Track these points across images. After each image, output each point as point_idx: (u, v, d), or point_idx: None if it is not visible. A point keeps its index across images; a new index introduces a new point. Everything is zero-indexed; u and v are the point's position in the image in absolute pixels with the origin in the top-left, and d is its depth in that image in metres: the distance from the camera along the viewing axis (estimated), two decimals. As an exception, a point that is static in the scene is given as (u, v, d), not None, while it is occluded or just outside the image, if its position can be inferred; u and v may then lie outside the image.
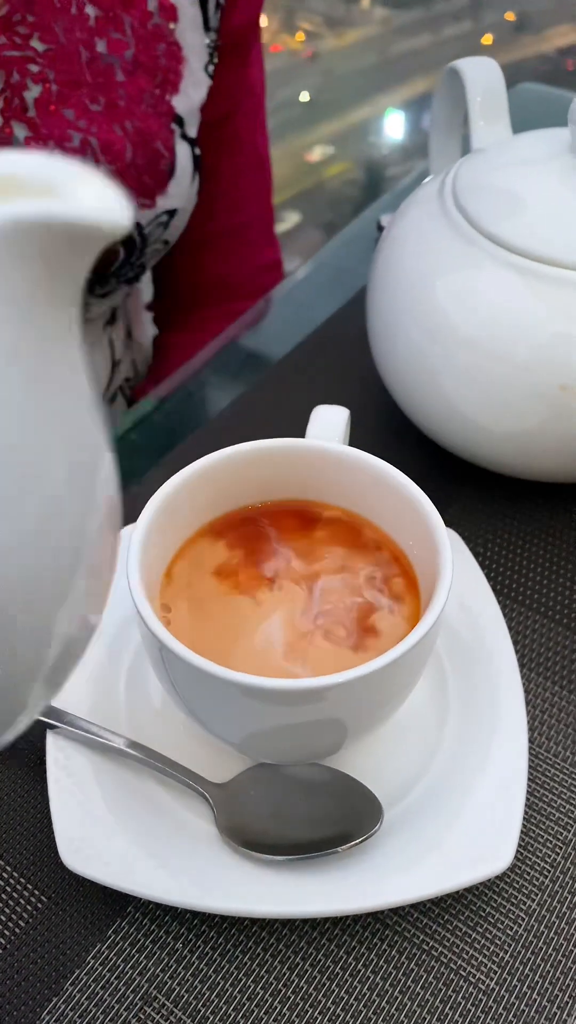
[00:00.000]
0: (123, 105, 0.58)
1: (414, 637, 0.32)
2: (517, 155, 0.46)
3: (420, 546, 0.36)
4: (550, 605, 0.45)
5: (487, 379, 0.43)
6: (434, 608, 0.32)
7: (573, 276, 0.41)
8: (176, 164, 0.62)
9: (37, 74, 0.55)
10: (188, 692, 0.34)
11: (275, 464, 0.38)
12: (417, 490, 0.36)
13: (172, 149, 0.62)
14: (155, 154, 0.60)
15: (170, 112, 0.61)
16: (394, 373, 0.48)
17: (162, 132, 0.61)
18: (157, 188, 0.62)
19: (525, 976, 0.35)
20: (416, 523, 0.36)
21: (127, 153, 0.58)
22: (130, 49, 0.58)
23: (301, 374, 0.57)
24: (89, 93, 0.57)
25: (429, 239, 0.45)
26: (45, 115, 0.55)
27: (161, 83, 0.60)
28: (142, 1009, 0.34)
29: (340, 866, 0.35)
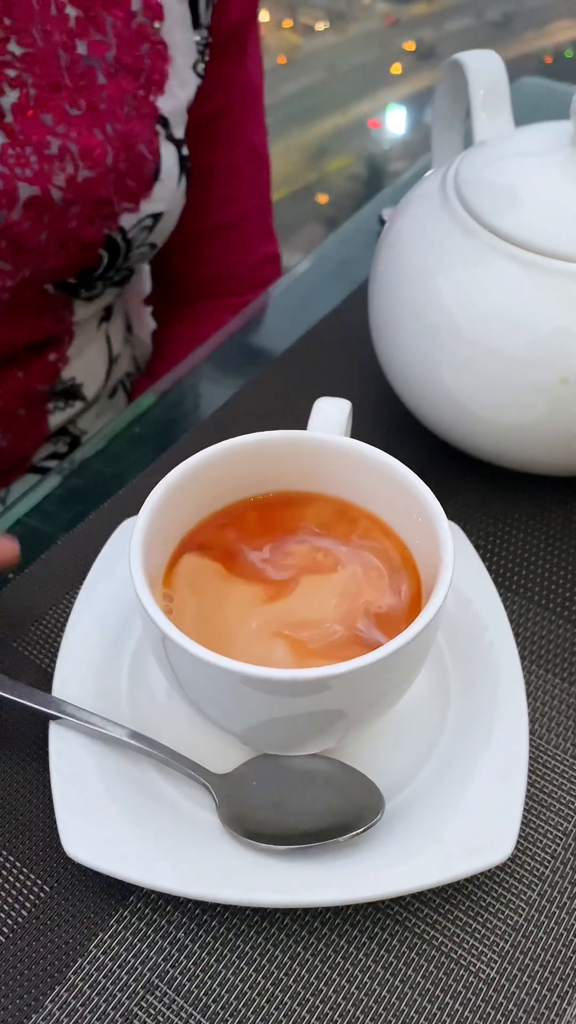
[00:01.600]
0: (104, 108, 0.57)
1: (415, 628, 0.32)
2: (519, 148, 0.46)
3: (422, 538, 0.36)
4: (550, 597, 0.45)
5: (488, 372, 0.43)
6: (435, 600, 0.32)
7: (575, 269, 0.41)
8: (161, 167, 0.61)
9: (14, 79, 0.54)
10: (190, 682, 0.34)
11: (277, 456, 0.38)
12: (419, 482, 0.36)
13: (156, 152, 0.61)
14: (138, 157, 0.59)
15: (154, 113, 0.60)
16: (395, 366, 0.48)
17: (145, 134, 0.60)
18: (141, 192, 0.61)
19: (526, 965, 0.35)
20: (418, 515, 0.36)
21: (108, 158, 0.57)
22: (112, 50, 0.57)
23: (302, 367, 0.57)
24: (69, 97, 0.56)
25: (431, 232, 0.45)
26: (23, 121, 0.54)
27: (145, 84, 0.59)
28: (144, 998, 0.34)
29: (342, 856, 0.35)
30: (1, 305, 0.59)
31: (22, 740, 0.40)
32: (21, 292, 0.59)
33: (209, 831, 0.36)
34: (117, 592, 0.42)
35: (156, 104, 0.60)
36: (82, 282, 0.62)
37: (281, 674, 0.31)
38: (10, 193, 0.54)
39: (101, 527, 0.47)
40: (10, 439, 0.68)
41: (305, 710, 0.33)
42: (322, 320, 0.61)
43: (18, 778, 0.39)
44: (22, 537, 0.49)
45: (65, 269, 0.60)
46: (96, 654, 0.41)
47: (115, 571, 0.43)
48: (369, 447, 0.37)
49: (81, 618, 0.42)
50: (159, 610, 0.32)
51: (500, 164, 0.45)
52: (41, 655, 0.43)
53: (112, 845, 0.35)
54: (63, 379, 0.68)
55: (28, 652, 0.43)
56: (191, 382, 0.60)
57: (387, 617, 0.36)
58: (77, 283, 0.62)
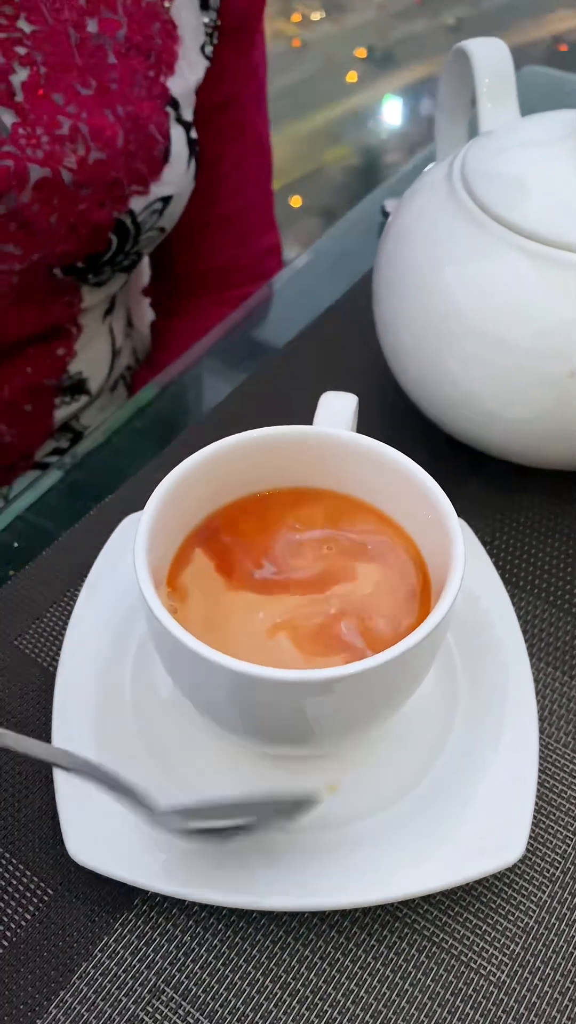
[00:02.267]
0: (115, 88, 0.57)
1: (424, 630, 0.31)
2: (527, 138, 0.45)
3: (430, 535, 0.35)
4: (559, 594, 0.45)
5: (496, 365, 0.42)
6: (445, 601, 0.32)
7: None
8: (171, 149, 0.61)
9: (24, 56, 0.53)
10: (194, 683, 0.34)
11: (283, 452, 0.38)
12: (430, 480, 0.35)
13: (167, 134, 0.60)
14: (148, 139, 0.59)
15: (164, 95, 0.60)
16: (401, 359, 0.47)
17: (156, 116, 0.59)
18: (151, 174, 0.60)
19: (536, 968, 0.34)
20: (427, 513, 0.35)
21: (119, 139, 0.57)
22: (122, 29, 0.56)
23: (305, 361, 0.57)
24: (79, 76, 0.55)
25: (437, 223, 0.44)
26: (33, 100, 0.54)
27: (155, 64, 0.59)
28: (150, 1003, 0.33)
29: (349, 858, 0.34)
30: (10, 290, 0.59)
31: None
32: (30, 277, 0.59)
33: (215, 833, 0.35)
34: (120, 589, 0.42)
35: (166, 85, 0.60)
36: (90, 267, 0.61)
37: (287, 675, 0.30)
38: (20, 175, 0.54)
39: (103, 523, 0.46)
40: (15, 434, 0.67)
41: (311, 712, 0.33)
42: (325, 313, 0.60)
43: (21, 778, 0.38)
44: (23, 533, 0.49)
45: (74, 253, 0.59)
46: (99, 653, 0.40)
47: (118, 568, 0.43)
48: (377, 443, 0.36)
49: (84, 616, 0.41)
50: (164, 609, 0.32)
51: (508, 154, 0.44)
52: (43, 654, 0.42)
53: (116, 847, 0.34)
54: (70, 373, 0.67)
55: (29, 650, 0.42)
56: (193, 375, 0.59)
57: (395, 616, 0.35)
58: (85, 267, 0.61)
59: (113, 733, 0.38)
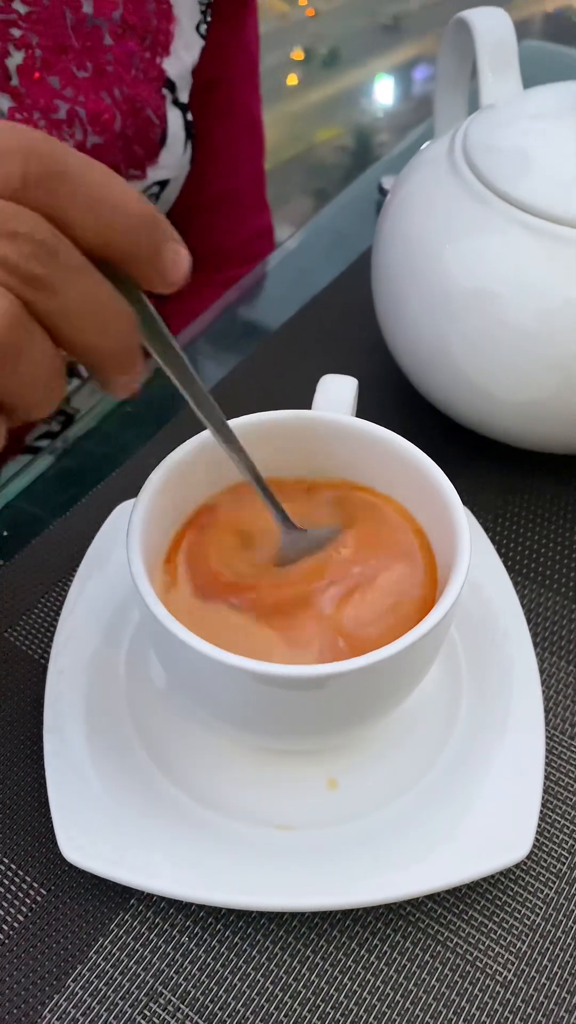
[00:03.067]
0: (111, 71, 0.55)
1: (426, 625, 0.30)
2: (530, 111, 0.44)
3: (435, 522, 0.34)
4: (564, 582, 0.44)
5: (499, 347, 0.41)
6: (449, 594, 0.31)
7: (591, 238, 0.39)
8: (167, 132, 0.59)
9: (20, 39, 0.52)
10: (190, 677, 0.33)
11: (281, 437, 0.36)
12: (435, 468, 0.34)
13: (163, 116, 0.59)
14: (146, 122, 0.58)
15: (161, 76, 0.58)
16: (401, 341, 0.46)
17: (152, 98, 0.58)
18: (148, 158, 0.59)
19: (544, 967, 0.33)
20: (432, 500, 0.34)
21: (116, 123, 0.55)
22: (118, 10, 0.55)
23: (301, 343, 0.55)
24: (75, 58, 0.54)
25: (438, 200, 0.43)
26: (29, 84, 0.52)
27: (151, 45, 0.57)
28: (147, 1005, 0.32)
29: (350, 857, 0.33)
30: None
31: (15, 737, 0.38)
32: None
33: (212, 832, 0.34)
34: (113, 580, 0.40)
35: (162, 67, 0.58)
36: None
37: (285, 670, 0.29)
38: None
39: (96, 510, 0.45)
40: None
41: (310, 708, 0.32)
42: (320, 293, 0.59)
43: (12, 776, 0.37)
44: (13, 521, 0.47)
45: None
46: (92, 645, 0.39)
47: (111, 557, 0.41)
48: (379, 428, 0.35)
49: (76, 607, 0.40)
50: (159, 603, 0.31)
51: (512, 127, 0.43)
52: (34, 646, 0.41)
53: (111, 847, 0.33)
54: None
55: (20, 643, 0.41)
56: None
57: (399, 606, 0.34)
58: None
59: (107, 727, 0.37)
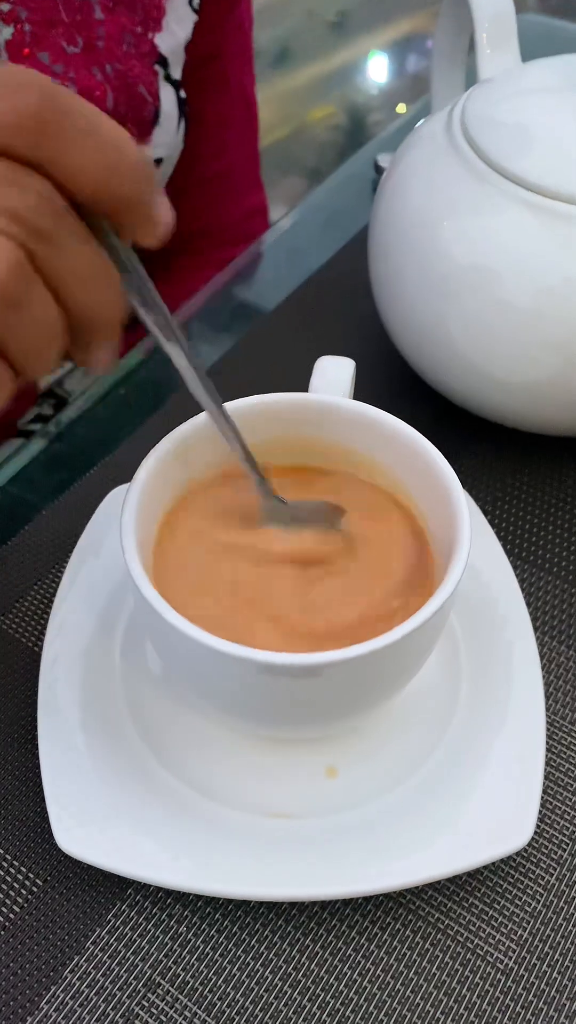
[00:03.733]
0: (102, 46, 0.54)
1: (425, 613, 0.29)
2: (530, 85, 0.43)
3: (433, 507, 0.34)
4: (564, 566, 0.43)
5: (498, 327, 0.40)
6: (448, 583, 0.30)
7: (593, 215, 0.38)
8: (160, 110, 0.58)
9: (8, 13, 0.50)
10: (185, 665, 0.32)
11: (277, 420, 0.36)
12: (434, 451, 0.33)
13: (156, 94, 0.58)
14: (138, 100, 0.56)
15: (153, 52, 0.57)
16: (398, 321, 0.45)
17: (145, 75, 0.57)
18: (141, 137, 0.58)
19: (545, 954, 0.33)
20: (431, 485, 0.33)
21: (108, 100, 0.54)
22: None
23: (297, 324, 0.54)
24: (65, 33, 0.52)
25: (436, 176, 0.42)
26: (19, 59, 0.51)
27: (143, 20, 0.56)
28: (145, 996, 0.32)
29: (350, 846, 0.33)
30: None
31: (9, 726, 0.38)
32: None
33: (210, 821, 0.34)
34: (107, 565, 0.40)
35: (154, 42, 0.57)
36: None
37: (283, 659, 0.29)
38: None
39: (89, 495, 0.44)
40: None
41: (307, 696, 0.31)
42: (316, 273, 0.58)
43: (6, 765, 0.37)
44: (4, 507, 0.47)
45: None
46: (86, 632, 0.38)
47: (105, 543, 0.41)
48: (377, 411, 0.35)
49: (70, 594, 0.39)
50: (153, 590, 0.30)
51: (511, 102, 0.42)
52: (27, 634, 0.41)
53: (107, 837, 0.33)
54: None
55: (13, 631, 0.41)
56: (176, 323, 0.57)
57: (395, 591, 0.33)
58: None
59: (102, 715, 0.36)
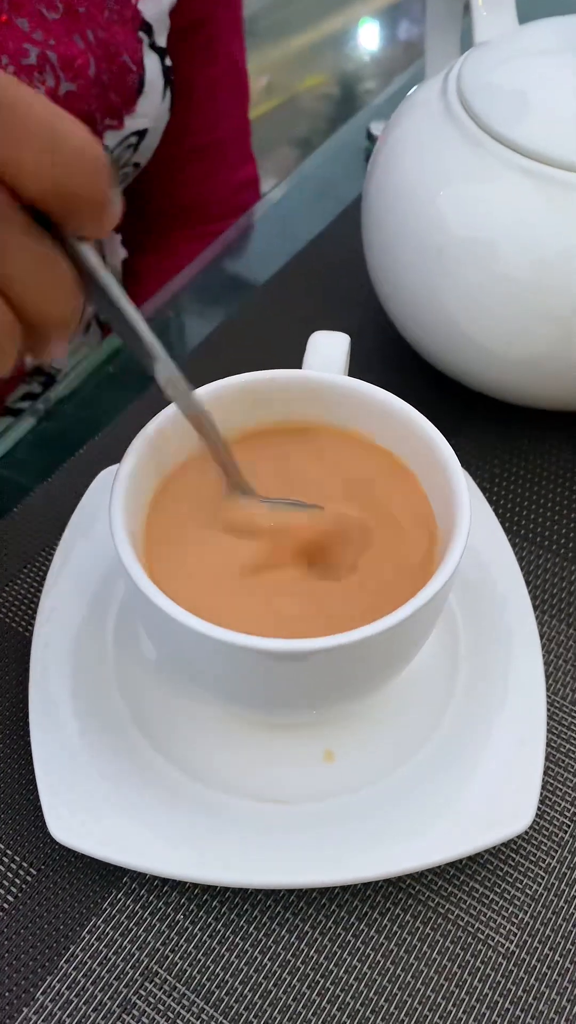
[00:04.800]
0: (83, 12, 0.52)
1: (424, 596, 0.29)
2: (528, 47, 0.41)
3: (433, 488, 0.33)
4: (564, 543, 0.42)
5: (496, 298, 0.39)
6: (447, 565, 0.29)
7: (593, 183, 0.37)
8: (145, 78, 0.57)
9: None
10: (178, 650, 0.31)
11: (270, 397, 0.35)
12: (432, 428, 0.32)
13: (140, 62, 0.56)
14: (122, 68, 0.55)
15: (136, 18, 0.55)
16: (393, 294, 0.44)
17: (128, 42, 0.55)
18: (125, 107, 0.56)
19: (546, 937, 0.33)
20: (430, 464, 0.32)
21: (90, 68, 0.52)
22: None
23: (289, 299, 0.53)
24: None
25: (431, 144, 0.41)
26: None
27: None
28: (143, 985, 0.32)
29: (348, 831, 0.33)
30: None
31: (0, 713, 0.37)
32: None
33: (206, 808, 0.33)
34: (98, 548, 0.39)
35: (138, 8, 0.55)
36: None
37: (271, 644, 0.28)
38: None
39: (78, 476, 0.43)
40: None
41: (302, 681, 0.30)
42: (308, 245, 0.56)
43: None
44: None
45: None
46: (78, 615, 0.38)
47: (95, 524, 0.40)
48: (374, 387, 0.34)
49: (60, 576, 0.39)
50: (144, 575, 0.29)
51: (508, 66, 0.41)
52: (17, 618, 0.40)
53: (101, 826, 0.32)
54: None
55: (3, 615, 0.40)
56: (168, 315, 0.56)
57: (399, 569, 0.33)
58: None
59: (95, 700, 0.35)
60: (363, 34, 2.62)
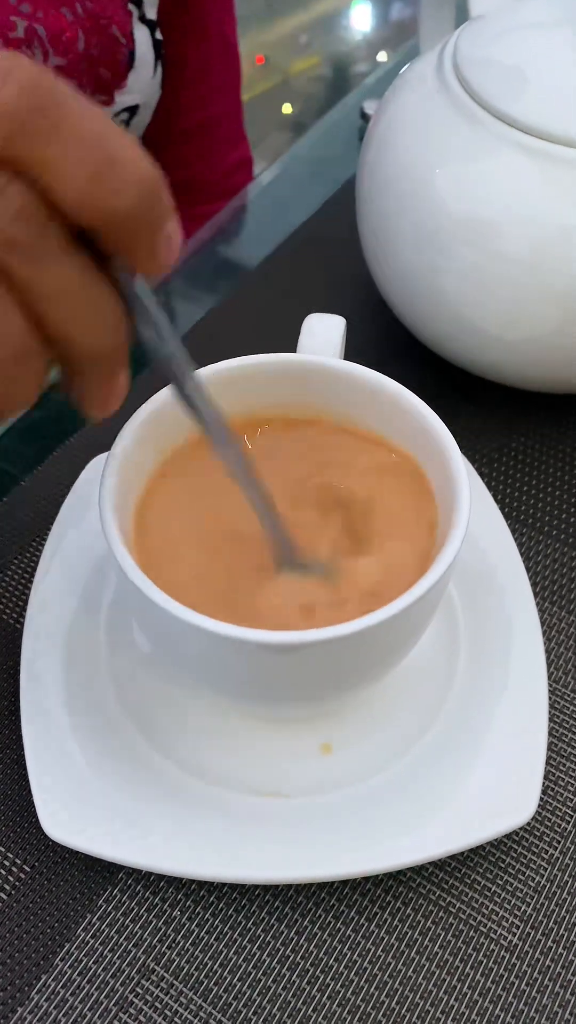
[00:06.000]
0: None
1: (420, 588, 0.28)
2: (524, 20, 0.40)
3: (432, 474, 0.32)
4: (564, 529, 0.42)
5: (494, 279, 0.38)
6: (446, 554, 0.28)
7: (593, 159, 0.36)
8: (135, 53, 0.55)
9: None
10: (170, 642, 0.30)
11: (265, 382, 0.34)
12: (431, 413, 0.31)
13: (130, 35, 0.55)
14: (111, 41, 0.54)
15: None
16: (388, 275, 0.43)
17: (118, 15, 0.54)
18: (115, 82, 0.55)
19: (549, 929, 0.32)
20: (428, 450, 0.32)
21: (79, 42, 0.51)
22: None
23: (283, 281, 0.52)
24: None
25: (427, 121, 0.40)
26: None
27: None
28: (139, 983, 0.31)
29: (347, 825, 0.32)
30: None
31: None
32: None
33: (201, 803, 0.32)
34: (89, 538, 0.38)
35: None
36: None
37: (265, 636, 0.27)
38: None
39: (69, 465, 0.42)
40: None
41: (299, 673, 0.29)
42: (302, 227, 0.55)
43: (-11, 747, 0.35)
44: (-19, 478, 0.45)
45: None
46: (70, 607, 0.37)
47: (86, 514, 0.39)
48: (370, 371, 0.33)
49: (51, 567, 0.38)
50: (131, 561, 0.28)
51: (505, 40, 0.40)
52: (8, 610, 0.39)
53: (95, 822, 0.31)
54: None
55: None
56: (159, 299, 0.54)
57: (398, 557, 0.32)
58: None
59: (88, 694, 0.35)
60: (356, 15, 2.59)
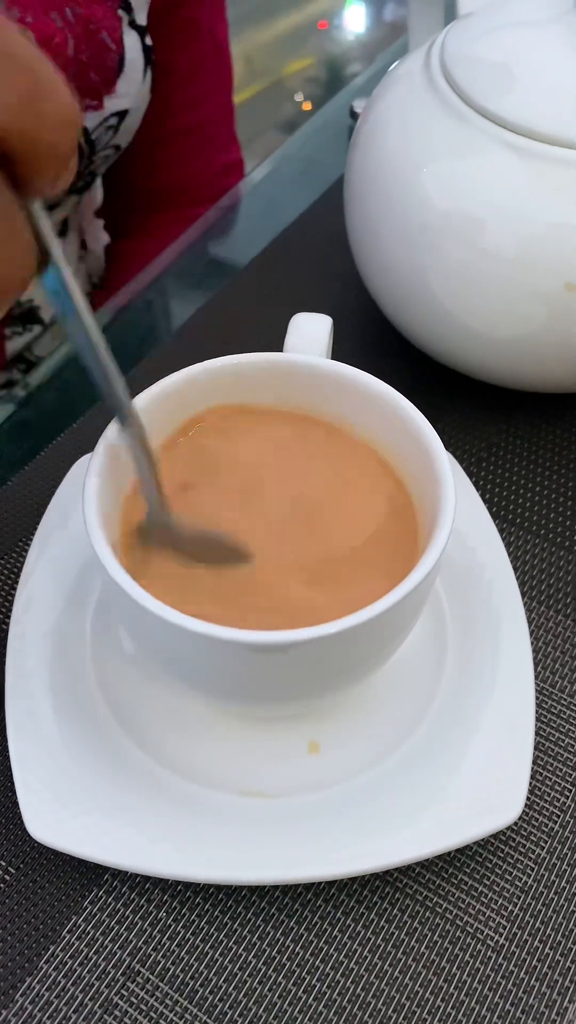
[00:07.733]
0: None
1: (409, 584, 0.28)
2: (513, 18, 0.40)
3: (417, 472, 0.32)
4: (552, 528, 0.42)
5: (481, 278, 0.38)
6: (432, 552, 0.28)
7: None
8: (125, 58, 0.55)
9: None
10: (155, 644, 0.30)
11: (251, 381, 0.34)
12: (416, 413, 0.31)
13: (120, 40, 0.55)
14: (101, 47, 0.53)
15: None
16: (376, 274, 0.43)
17: (108, 20, 0.54)
18: (104, 87, 0.55)
19: (536, 929, 0.32)
20: (414, 449, 0.31)
21: (69, 47, 0.51)
22: None
23: (271, 280, 0.52)
24: None
25: (414, 119, 0.40)
26: None
27: None
28: (125, 985, 0.31)
29: (334, 825, 0.32)
30: None
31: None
32: None
33: (188, 803, 0.32)
34: (76, 537, 0.38)
35: None
36: None
37: (254, 636, 0.27)
38: None
39: (55, 465, 0.42)
40: None
41: (284, 673, 0.29)
42: (291, 226, 0.55)
43: (-26, 748, 0.35)
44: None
45: None
46: (55, 607, 0.37)
47: (72, 514, 0.39)
48: (357, 371, 0.33)
49: (37, 568, 0.38)
50: (119, 566, 0.28)
51: (492, 37, 0.39)
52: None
53: (81, 824, 0.31)
54: (20, 302, 0.63)
55: (-21, 607, 0.39)
56: (149, 298, 0.55)
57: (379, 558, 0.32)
58: None
59: (73, 695, 0.34)
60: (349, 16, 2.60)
